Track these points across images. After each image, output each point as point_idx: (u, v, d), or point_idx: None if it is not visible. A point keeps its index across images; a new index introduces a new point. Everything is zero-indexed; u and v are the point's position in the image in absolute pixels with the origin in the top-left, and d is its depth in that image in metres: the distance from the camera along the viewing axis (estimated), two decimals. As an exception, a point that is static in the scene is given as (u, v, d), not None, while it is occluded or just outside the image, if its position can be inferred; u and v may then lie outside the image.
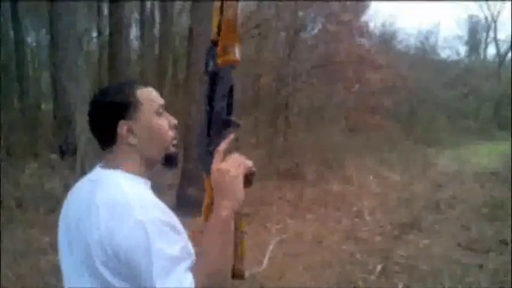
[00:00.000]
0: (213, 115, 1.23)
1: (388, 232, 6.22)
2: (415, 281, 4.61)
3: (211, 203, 1.21)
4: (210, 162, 1.21)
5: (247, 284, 4.32)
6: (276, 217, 6.68)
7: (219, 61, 1.21)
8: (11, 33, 10.77)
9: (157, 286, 1.04)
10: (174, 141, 1.30)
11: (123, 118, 1.20)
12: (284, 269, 4.82)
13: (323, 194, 8.06)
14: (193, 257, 1.13)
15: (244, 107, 11.36)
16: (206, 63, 1.25)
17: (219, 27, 1.20)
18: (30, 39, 13.63)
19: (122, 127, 1.20)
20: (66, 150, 6.81)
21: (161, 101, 1.29)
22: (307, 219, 6.79)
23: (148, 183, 1.26)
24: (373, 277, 4.71)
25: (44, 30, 13.03)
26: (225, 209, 1.17)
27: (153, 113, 1.24)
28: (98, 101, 1.24)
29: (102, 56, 11.99)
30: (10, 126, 8.42)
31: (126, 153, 1.22)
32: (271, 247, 5.38)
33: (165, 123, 1.27)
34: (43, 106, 11.59)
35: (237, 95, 1.26)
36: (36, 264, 4.34)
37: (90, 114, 1.24)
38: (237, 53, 1.20)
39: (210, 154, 1.22)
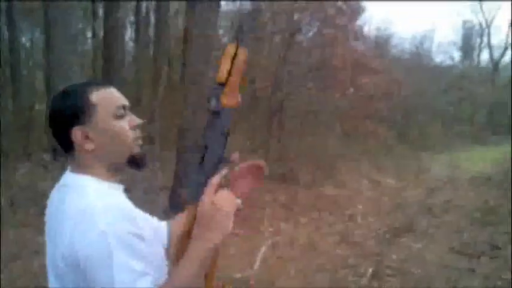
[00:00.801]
0: (210, 150, 1.26)
1: (381, 236, 6.23)
2: (408, 285, 4.61)
3: (189, 231, 1.20)
4: (199, 193, 1.21)
5: (240, 286, 4.32)
6: (269, 221, 6.67)
7: (225, 102, 1.26)
8: (6, 33, 10.75)
9: None
10: (139, 141, 1.24)
11: (77, 124, 1.16)
12: (276, 273, 4.81)
13: (317, 198, 8.07)
14: (160, 272, 1.11)
15: (239, 110, 11.34)
16: (208, 100, 1.27)
17: (229, 71, 1.24)
18: (24, 39, 13.59)
19: (76, 134, 1.16)
20: (59, 151, 6.79)
21: (121, 101, 1.22)
22: (300, 223, 6.79)
23: (120, 187, 1.23)
24: (365, 281, 4.72)
25: (38, 31, 12.99)
26: (210, 241, 1.15)
27: (111, 116, 1.19)
28: (51, 109, 1.20)
29: (97, 57, 11.95)
30: (3, 126, 8.39)
31: (87, 159, 1.19)
32: (263, 250, 5.37)
33: (125, 125, 1.21)
34: (37, 106, 11.55)
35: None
36: (29, 266, 4.32)
37: (48, 120, 1.21)
38: (239, 96, 1.27)
39: (202, 185, 1.22)
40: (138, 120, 1.25)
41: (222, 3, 9.48)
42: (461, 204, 7.94)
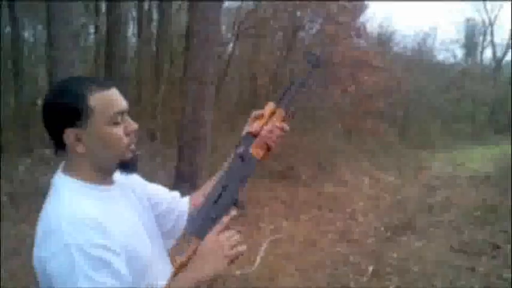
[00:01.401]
0: (227, 190, 1.30)
1: (381, 234, 6.25)
2: (407, 283, 4.63)
3: (186, 262, 1.22)
4: (204, 227, 1.25)
5: (239, 284, 4.34)
6: (269, 218, 6.69)
7: (252, 151, 1.35)
8: (8, 29, 10.74)
9: None
10: (132, 147, 1.21)
11: (71, 126, 1.13)
12: (276, 270, 4.83)
13: (317, 195, 8.09)
14: (128, 285, 1.10)
15: (240, 107, 11.38)
16: (237, 146, 1.36)
17: (262, 127, 1.36)
18: (27, 35, 13.58)
19: (69, 135, 1.14)
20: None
21: (120, 107, 1.18)
22: (300, 220, 6.80)
23: (108, 189, 1.21)
24: (365, 278, 4.74)
25: (40, 27, 12.98)
26: (202, 273, 1.18)
27: (107, 121, 1.15)
28: (47, 103, 1.16)
29: (99, 53, 11.94)
30: (5, 121, 8.40)
31: (77, 160, 1.17)
32: (263, 247, 5.39)
33: (120, 131, 1.17)
34: (39, 102, 11.55)
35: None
36: (28, 261, 4.33)
37: (42, 114, 1.17)
38: (267, 152, 1.37)
39: (210, 221, 1.26)
40: (134, 126, 1.21)
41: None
42: (461, 203, 7.95)
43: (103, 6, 12.08)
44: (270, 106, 1.38)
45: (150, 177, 1.46)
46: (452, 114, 20.94)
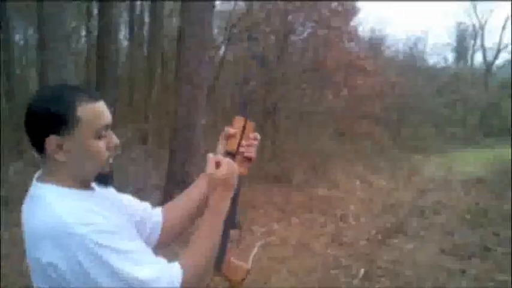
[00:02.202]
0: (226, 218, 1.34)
1: (373, 237, 6.26)
2: (399, 286, 4.64)
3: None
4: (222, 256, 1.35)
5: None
6: (262, 220, 6.68)
7: (239, 171, 1.35)
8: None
9: (141, 278, 1.05)
10: (110, 160, 1.21)
11: (54, 133, 1.11)
12: (269, 273, 4.82)
13: (309, 198, 8.09)
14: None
15: (233, 110, 11.36)
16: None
17: (239, 143, 1.39)
18: (18, 37, 13.53)
19: (50, 142, 1.11)
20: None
21: (105, 121, 1.17)
22: (293, 223, 6.80)
23: (90, 194, 1.20)
24: (356, 281, 4.74)
25: (31, 29, 12.93)
26: (227, 201, 1.29)
27: (92, 134, 1.14)
28: (34, 106, 1.14)
29: (91, 56, 11.91)
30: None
31: (56, 168, 1.15)
32: (255, 250, 5.37)
33: (103, 145, 1.16)
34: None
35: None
36: (18, 265, 4.30)
37: (25, 115, 1.15)
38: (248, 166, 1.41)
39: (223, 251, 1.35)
40: (116, 141, 1.21)
41: (217, 2, 9.50)
42: (453, 206, 7.98)
43: (95, 9, 12.04)
44: (238, 121, 1.41)
45: (142, 179, 1.45)
46: (444, 117, 21.04)
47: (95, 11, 11.97)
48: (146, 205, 1.47)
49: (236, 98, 12.45)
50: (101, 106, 1.17)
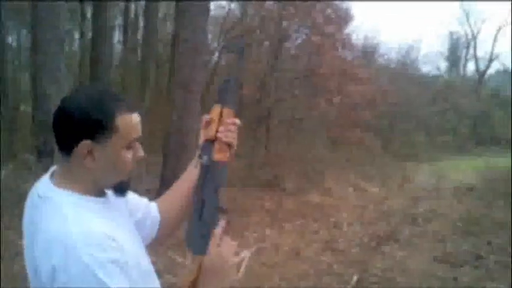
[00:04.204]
0: (206, 204, 1.32)
1: (365, 244, 6.25)
2: (391, 294, 4.64)
3: (195, 280, 1.26)
4: (201, 244, 1.28)
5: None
6: (254, 227, 6.67)
7: (216, 158, 1.35)
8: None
9: None
10: (132, 171, 1.20)
11: (89, 138, 1.09)
12: (261, 279, 4.79)
13: (302, 205, 8.08)
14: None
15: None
16: (200, 157, 1.37)
17: (217, 130, 1.36)
18: (11, 39, 13.46)
19: (83, 147, 1.09)
20: (44, 152, 6.72)
21: (138, 133, 1.17)
22: (285, 230, 6.78)
23: (103, 200, 1.19)
24: (349, 288, 4.73)
25: (25, 31, 12.88)
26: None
27: (125, 144, 1.14)
28: (71, 108, 1.11)
29: (84, 59, 11.88)
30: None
31: (80, 173, 1.13)
32: (248, 256, 5.35)
33: (130, 156, 1.16)
34: (22, 107, 11.44)
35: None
36: (9, 268, 4.26)
37: (57, 114, 1.12)
38: (229, 154, 1.37)
39: (204, 236, 1.28)
40: (142, 154, 1.21)
41: (211, 8, 9.49)
42: (445, 214, 8.00)
43: (89, 12, 12.03)
44: (216, 108, 1.38)
45: (135, 183, 1.44)
46: (436, 126, 21.15)
47: (89, 14, 11.94)
48: (146, 201, 1.46)
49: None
50: (137, 118, 1.18)
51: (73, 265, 1.00)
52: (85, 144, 1.09)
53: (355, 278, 4.92)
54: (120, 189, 1.21)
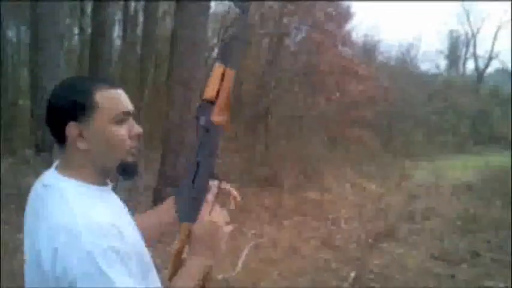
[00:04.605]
0: (200, 168, 1.28)
1: (363, 241, 6.26)
2: (389, 290, 4.65)
3: (182, 249, 1.25)
4: (191, 210, 1.26)
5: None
6: (252, 223, 6.68)
7: (214, 119, 1.29)
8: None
9: None
10: (133, 150, 1.19)
11: (73, 120, 1.11)
12: (258, 275, 4.81)
13: (301, 202, 8.09)
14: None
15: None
16: (197, 117, 1.31)
17: (218, 91, 1.29)
18: (10, 35, 13.43)
19: (70, 129, 1.11)
20: (42, 147, 6.72)
21: (126, 107, 1.16)
22: (283, 227, 6.80)
23: (106, 189, 1.20)
24: (346, 285, 4.74)
25: (24, 27, 12.86)
26: (211, 258, 1.23)
27: (111, 119, 1.13)
28: (53, 96, 1.15)
29: (83, 55, 11.87)
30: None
31: (77, 158, 1.14)
32: (246, 252, 5.37)
33: (124, 132, 1.15)
34: (20, 102, 11.44)
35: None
36: (8, 265, 4.25)
37: (46, 108, 1.15)
38: (228, 117, 1.31)
39: (194, 201, 1.26)
40: (138, 129, 1.19)
41: (212, 4, 9.49)
42: (443, 212, 8.02)
43: (88, 8, 12.01)
44: (218, 68, 1.31)
45: (133, 180, 1.43)
46: (435, 124, 21.15)
47: (89, 10, 11.92)
48: None
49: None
50: (120, 93, 1.17)
51: (75, 252, 1.00)
52: (71, 126, 1.11)
53: (352, 274, 4.93)
54: (126, 171, 1.20)
